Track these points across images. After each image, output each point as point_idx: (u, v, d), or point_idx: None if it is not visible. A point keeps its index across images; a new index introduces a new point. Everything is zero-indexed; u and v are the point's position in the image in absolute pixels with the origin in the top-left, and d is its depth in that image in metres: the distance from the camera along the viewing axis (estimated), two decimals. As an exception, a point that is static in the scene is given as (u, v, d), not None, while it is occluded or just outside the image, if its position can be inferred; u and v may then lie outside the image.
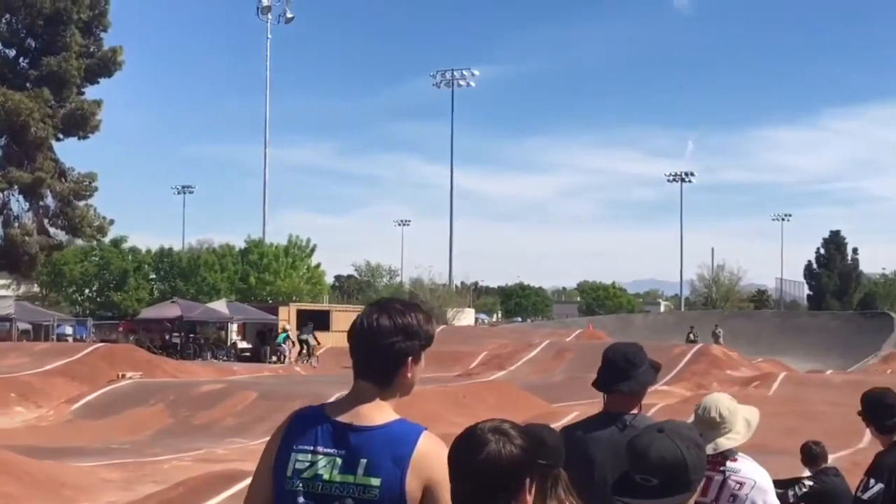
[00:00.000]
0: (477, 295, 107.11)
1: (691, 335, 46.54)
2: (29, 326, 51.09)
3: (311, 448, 2.88)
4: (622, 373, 4.55)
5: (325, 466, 2.86)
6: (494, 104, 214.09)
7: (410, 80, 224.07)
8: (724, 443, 4.51)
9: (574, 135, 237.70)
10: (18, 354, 30.26)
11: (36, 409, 23.30)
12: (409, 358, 2.92)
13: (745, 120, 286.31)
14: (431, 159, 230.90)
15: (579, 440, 4.38)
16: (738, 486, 4.48)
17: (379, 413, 2.89)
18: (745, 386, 28.82)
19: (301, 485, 2.86)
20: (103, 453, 17.19)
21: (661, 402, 25.55)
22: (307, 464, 2.87)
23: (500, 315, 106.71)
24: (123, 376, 25.76)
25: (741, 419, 4.59)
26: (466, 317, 79.14)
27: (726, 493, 4.48)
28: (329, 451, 2.86)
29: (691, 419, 4.68)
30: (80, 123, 49.33)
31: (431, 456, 2.81)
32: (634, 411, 4.55)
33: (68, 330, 52.99)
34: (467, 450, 2.53)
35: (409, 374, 2.94)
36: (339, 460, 2.85)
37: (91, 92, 51.05)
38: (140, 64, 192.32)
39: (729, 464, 4.52)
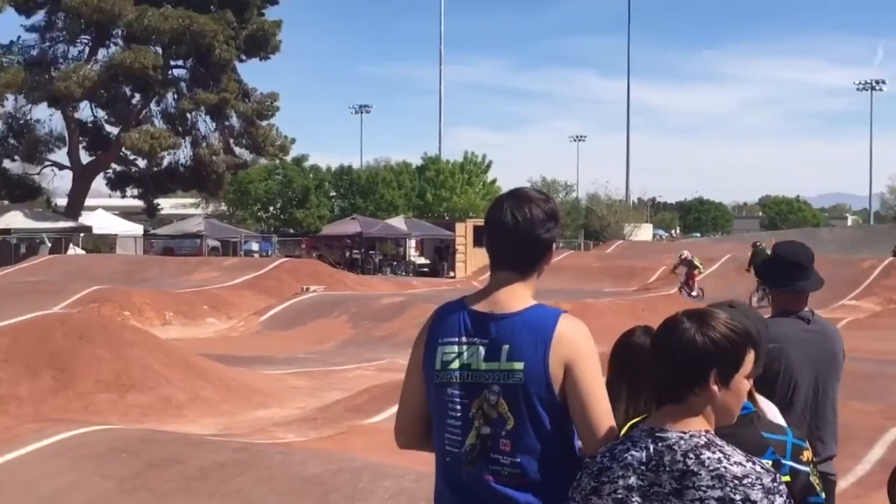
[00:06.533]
0: (654, 210, 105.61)
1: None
2: (217, 243, 53.14)
3: (456, 339, 2.93)
4: (801, 271, 4.47)
5: (470, 356, 2.90)
6: (672, 15, 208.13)
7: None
8: None
9: (755, 44, 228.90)
10: (209, 269, 31.50)
11: (227, 320, 24.29)
12: (553, 243, 3.01)
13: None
14: (606, 74, 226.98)
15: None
16: None
17: (517, 300, 2.93)
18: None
19: (449, 376, 2.92)
20: (290, 362, 17.81)
21: (849, 315, 24.80)
22: (453, 355, 2.92)
23: (678, 230, 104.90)
24: (307, 289, 26.52)
25: None
26: (644, 232, 78.20)
27: None
28: (472, 340, 2.91)
29: None
30: (261, 44, 50.37)
31: (571, 335, 2.85)
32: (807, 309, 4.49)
33: (254, 246, 54.92)
34: (663, 333, 2.61)
35: (551, 259, 3.03)
36: (482, 349, 2.89)
37: (271, 13, 52.09)
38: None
39: None
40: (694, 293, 29.94)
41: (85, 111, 51.73)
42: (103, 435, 9.22)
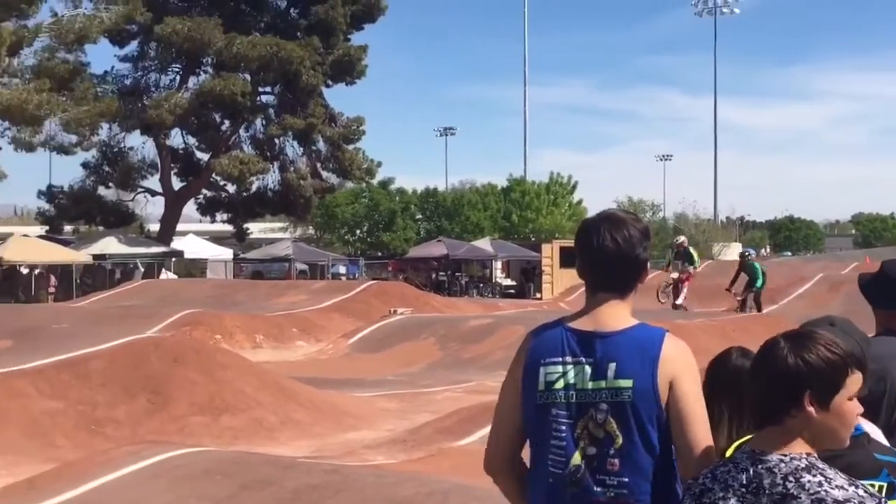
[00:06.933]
0: (743, 229, 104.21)
1: None
2: (305, 266, 53.75)
3: (560, 359, 2.93)
4: None
5: (575, 375, 2.90)
6: (758, 31, 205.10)
7: (669, 10, 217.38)
8: None
9: (843, 60, 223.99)
10: (298, 292, 31.79)
11: (316, 342, 24.48)
12: (647, 262, 3.06)
13: None
14: (692, 92, 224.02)
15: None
16: None
17: (620, 319, 2.96)
18: None
19: (554, 396, 2.92)
20: (380, 384, 17.87)
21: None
22: (557, 375, 2.92)
23: (768, 249, 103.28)
24: (395, 312, 26.61)
25: None
26: (732, 251, 77.06)
27: None
28: (577, 359, 2.91)
29: None
30: (347, 69, 50.96)
31: (677, 354, 2.89)
32: None
33: (342, 269, 55.37)
34: (760, 354, 2.63)
35: (646, 277, 3.09)
36: (588, 367, 2.89)
37: (356, 38, 52.72)
38: (400, 8, 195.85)
39: None
40: (680, 300, 25.71)
41: (176, 138, 52.99)
42: (198, 457, 9.35)
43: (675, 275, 26.49)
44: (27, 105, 34.52)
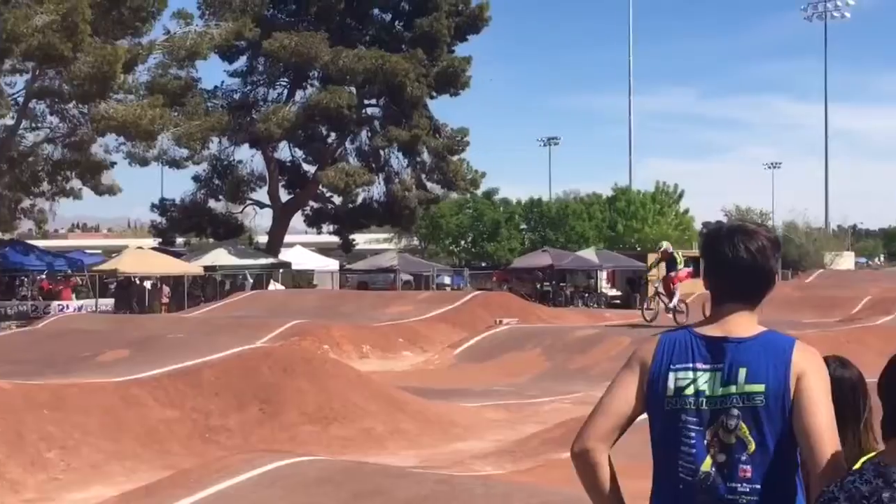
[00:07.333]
0: (856, 238, 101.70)
1: None
2: (410, 277, 54.08)
3: (690, 365, 2.91)
4: None
5: (706, 381, 2.89)
6: (869, 35, 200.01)
7: (776, 16, 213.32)
8: None
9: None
10: (403, 302, 32.03)
11: (422, 353, 24.62)
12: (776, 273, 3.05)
13: None
14: (801, 98, 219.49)
15: None
16: None
17: (749, 327, 2.94)
18: None
19: (683, 402, 2.89)
20: (486, 395, 17.89)
21: None
22: (688, 381, 2.90)
23: (882, 258, 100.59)
24: (500, 322, 26.63)
25: None
26: (845, 260, 75.38)
27: None
28: (707, 366, 2.90)
29: None
30: (451, 80, 51.13)
31: (807, 360, 2.87)
32: None
33: (446, 280, 55.59)
34: (887, 368, 2.64)
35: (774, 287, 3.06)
36: (718, 374, 2.88)
37: (460, 49, 52.91)
38: (503, 17, 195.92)
39: None
40: (673, 304, 23.99)
41: (284, 151, 53.79)
42: (309, 466, 9.48)
43: (658, 285, 25.07)
44: (141, 120, 35.36)
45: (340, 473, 9.12)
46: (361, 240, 65.24)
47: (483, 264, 59.29)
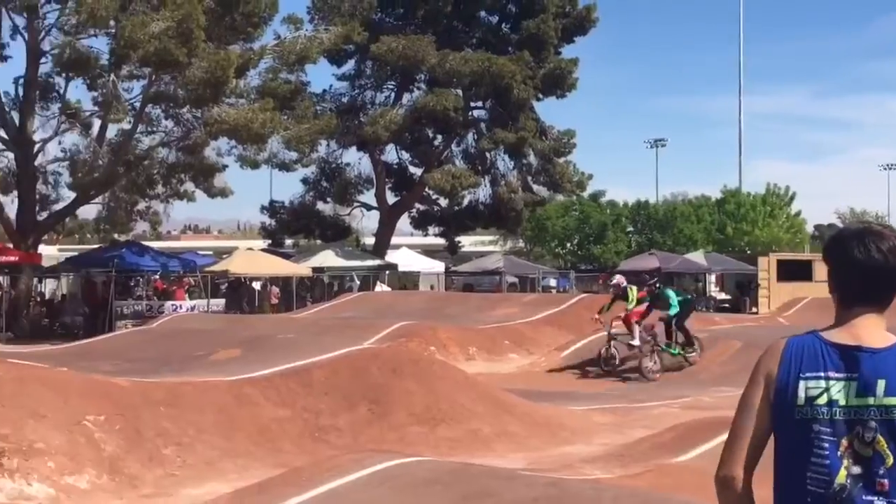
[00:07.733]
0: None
1: None
2: (515, 279, 54.03)
3: (822, 374, 2.83)
4: None
5: (839, 391, 2.80)
6: None
7: (891, 13, 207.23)
8: None
9: None
10: (509, 305, 31.99)
11: (528, 355, 24.58)
12: None
13: None
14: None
15: None
16: None
17: (881, 335, 2.86)
18: None
19: (815, 412, 2.81)
20: (594, 398, 17.80)
21: None
22: (820, 390, 2.82)
23: None
24: (608, 324, 26.36)
25: None
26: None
27: None
28: (840, 375, 2.81)
29: None
30: (558, 82, 50.94)
31: None
32: None
33: (552, 282, 55.45)
34: None
35: None
36: (853, 384, 2.79)
37: (567, 51, 52.68)
38: (611, 18, 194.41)
39: None
40: (636, 342, 21.07)
41: (391, 153, 54.17)
42: (418, 467, 9.54)
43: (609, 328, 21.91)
44: (252, 124, 36.00)
45: (449, 475, 9.15)
46: (467, 242, 65.40)
47: (589, 267, 58.96)
